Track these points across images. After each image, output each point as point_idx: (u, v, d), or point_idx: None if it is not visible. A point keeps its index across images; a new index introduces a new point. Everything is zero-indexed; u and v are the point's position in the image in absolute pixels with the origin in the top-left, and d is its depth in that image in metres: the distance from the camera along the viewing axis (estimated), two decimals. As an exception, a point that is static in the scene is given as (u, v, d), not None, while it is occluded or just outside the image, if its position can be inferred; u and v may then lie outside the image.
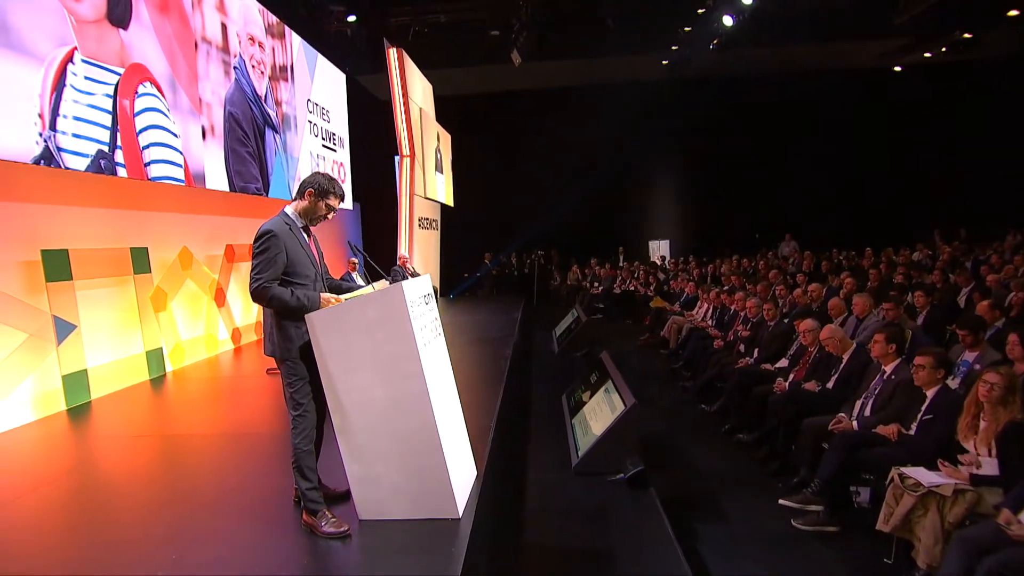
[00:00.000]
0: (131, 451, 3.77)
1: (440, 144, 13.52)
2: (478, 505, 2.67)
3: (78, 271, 4.69)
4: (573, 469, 3.71)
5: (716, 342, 6.30)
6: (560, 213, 14.55)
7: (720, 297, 7.07)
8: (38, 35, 4.12)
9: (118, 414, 4.54)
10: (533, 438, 4.54)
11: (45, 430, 4.15)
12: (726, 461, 4.41)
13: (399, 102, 11.06)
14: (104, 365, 4.95)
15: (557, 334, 8.18)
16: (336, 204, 2.70)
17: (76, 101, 4.38)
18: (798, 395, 4.34)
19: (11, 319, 4.15)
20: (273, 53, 7.73)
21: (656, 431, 5.06)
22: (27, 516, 2.82)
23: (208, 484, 3.14)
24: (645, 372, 7.06)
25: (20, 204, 4.39)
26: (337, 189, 2.68)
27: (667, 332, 7.95)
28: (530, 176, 14.53)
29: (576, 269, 14.06)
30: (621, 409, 3.69)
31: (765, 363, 5.23)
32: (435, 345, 2.74)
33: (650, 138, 14.22)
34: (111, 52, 4.76)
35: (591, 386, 4.65)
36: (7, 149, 3.83)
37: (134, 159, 4.95)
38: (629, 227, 15.62)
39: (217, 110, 6.32)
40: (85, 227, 4.93)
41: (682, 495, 3.92)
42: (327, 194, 2.65)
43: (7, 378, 4.10)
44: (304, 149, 8.64)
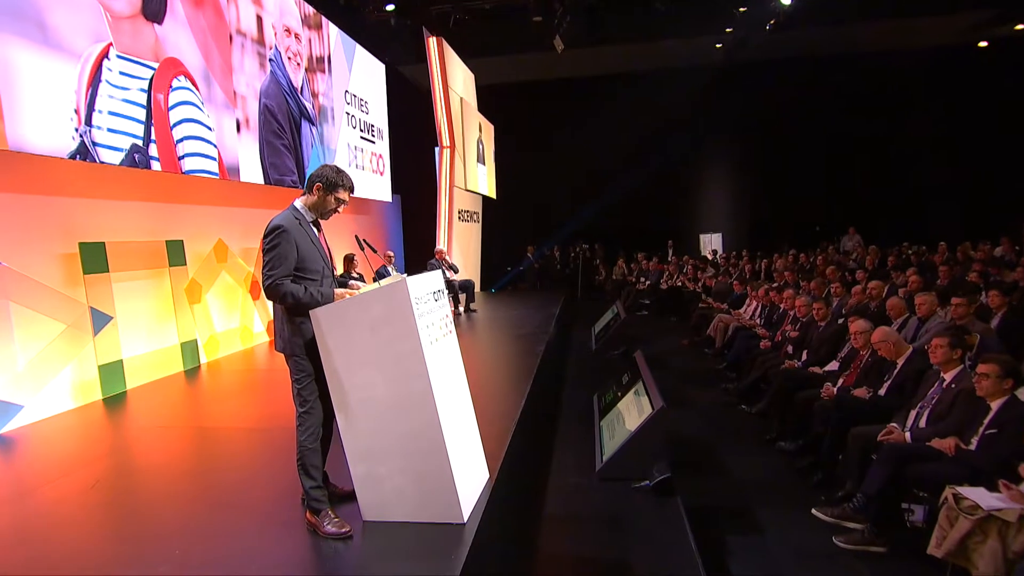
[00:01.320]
0: (160, 441, 3.91)
1: (482, 135, 13.52)
2: (486, 510, 2.63)
3: (114, 263, 4.90)
4: (596, 474, 3.62)
5: (763, 342, 6.06)
6: (607, 205, 14.34)
7: (769, 295, 6.79)
8: (75, 32, 4.30)
9: (152, 404, 4.72)
10: (560, 440, 4.46)
11: (82, 418, 4.37)
12: (765, 470, 4.22)
13: (439, 92, 11.11)
14: (139, 356, 5.17)
15: (596, 331, 8.05)
16: (346, 197, 2.69)
17: (111, 96, 4.56)
18: (846, 402, 4.11)
19: (50, 310, 4.37)
20: (310, 44, 7.87)
21: (692, 435, 4.90)
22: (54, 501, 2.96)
23: (227, 478, 3.21)
24: (687, 372, 6.86)
25: (59, 198, 4.61)
26: (346, 181, 2.67)
27: (713, 331, 7.70)
28: (576, 167, 14.37)
29: (622, 263, 13.84)
30: (649, 412, 3.57)
31: (813, 366, 4.98)
32: (444, 343, 2.71)
33: (703, 126, 13.83)
34: (146, 47, 4.93)
35: (622, 387, 4.53)
36: (45, 144, 4.02)
37: (168, 153, 5.13)
38: (679, 220, 15.25)
39: (252, 103, 6.48)
40: (122, 220, 5.15)
41: (715, 505, 3.78)
42: (336, 187, 2.64)
43: (47, 367, 4.33)
44: (341, 141, 8.78)
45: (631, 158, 13.99)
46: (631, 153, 14.00)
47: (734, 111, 13.47)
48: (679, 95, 13.25)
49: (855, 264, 9.82)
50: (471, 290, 9.33)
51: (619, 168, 14.06)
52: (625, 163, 14.03)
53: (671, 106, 13.30)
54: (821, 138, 13.60)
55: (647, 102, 13.37)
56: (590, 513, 3.30)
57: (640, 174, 13.93)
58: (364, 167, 9.72)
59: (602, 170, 14.24)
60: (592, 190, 14.35)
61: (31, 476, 3.36)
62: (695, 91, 13.22)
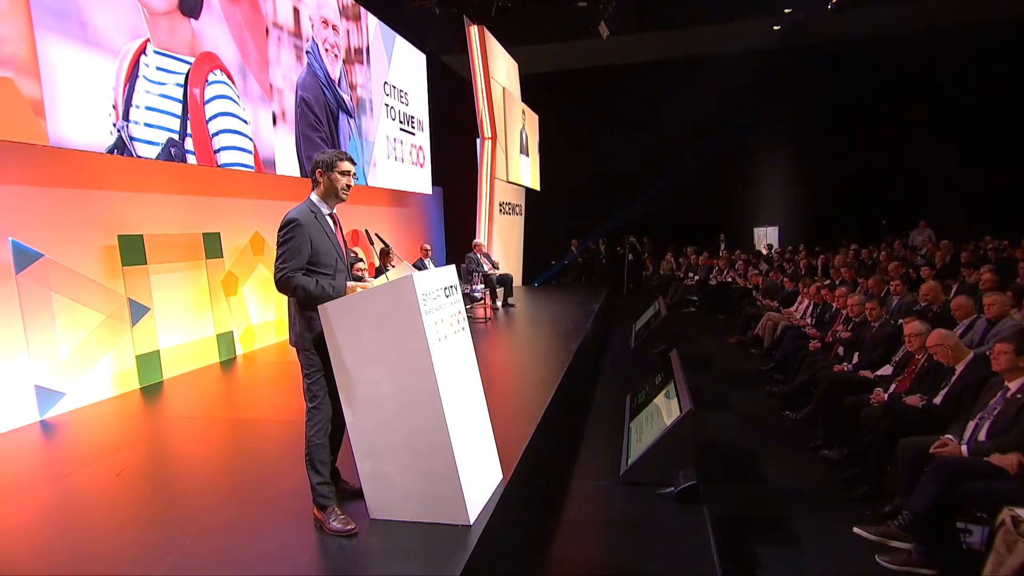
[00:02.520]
0: (190, 432, 4.06)
1: (526, 125, 13.46)
2: (496, 512, 2.60)
3: (152, 256, 5.11)
4: (620, 478, 3.54)
5: (812, 343, 5.80)
6: (655, 197, 14.07)
7: (820, 293, 6.49)
8: (114, 30, 4.49)
9: (186, 395, 4.90)
10: (587, 441, 4.40)
11: (119, 406, 4.58)
12: (806, 480, 4.04)
13: (480, 82, 11.11)
14: (176, 347, 5.38)
15: (636, 328, 7.90)
16: (347, 167, 2.67)
17: (148, 91, 4.74)
18: (897, 409, 3.88)
19: (90, 301, 4.60)
20: (348, 36, 7.99)
21: (730, 440, 4.75)
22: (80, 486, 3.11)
23: (248, 470, 3.29)
24: (731, 373, 6.66)
25: (99, 192, 4.84)
26: (342, 155, 2.66)
27: (761, 330, 7.45)
28: (623, 158, 14.13)
29: (670, 258, 13.54)
30: (677, 415, 3.46)
31: (864, 370, 4.74)
32: (455, 340, 2.68)
33: (758, 113, 13.37)
34: (182, 42, 5.10)
35: (655, 387, 4.42)
36: (84, 140, 4.22)
37: (204, 146, 5.30)
38: (733, 213, 14.79)
39: (288, 95, 6.63)
40: (160, 213, 5.36)
41: (749, 515, 3.65)
42: (333, 164, 2.64)
43: (86, 356, 4.56)
44: (380, 133, 8.89)
45: (681, 148, 13.67)
46: (681, 143, 13.67)
47: (792, 97, 12.96)
48: (732, 81, 12.83)
49: (923, 260, 9.29)
50: (509, 284, 9.31)
51: (669, 159, 13.76)
52: (675, 154, 13.71)
53: (724, 93, 12.90)
54: (889, 124, 12.91)
55: (698, 89, 13.01)
56: (609, 519, 3.23)
57: (691, 165, 13.60)
58: (404, 159, 9.83)
59: (651, 161, 13.95)
60: (640, 182, 14.09)
61: (64, 461, 3.55)
62: (750, 77, 12.78)
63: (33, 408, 4.16)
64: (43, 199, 4.40)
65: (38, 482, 3.18)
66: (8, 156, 4.15)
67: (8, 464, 3.50)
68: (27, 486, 3.13)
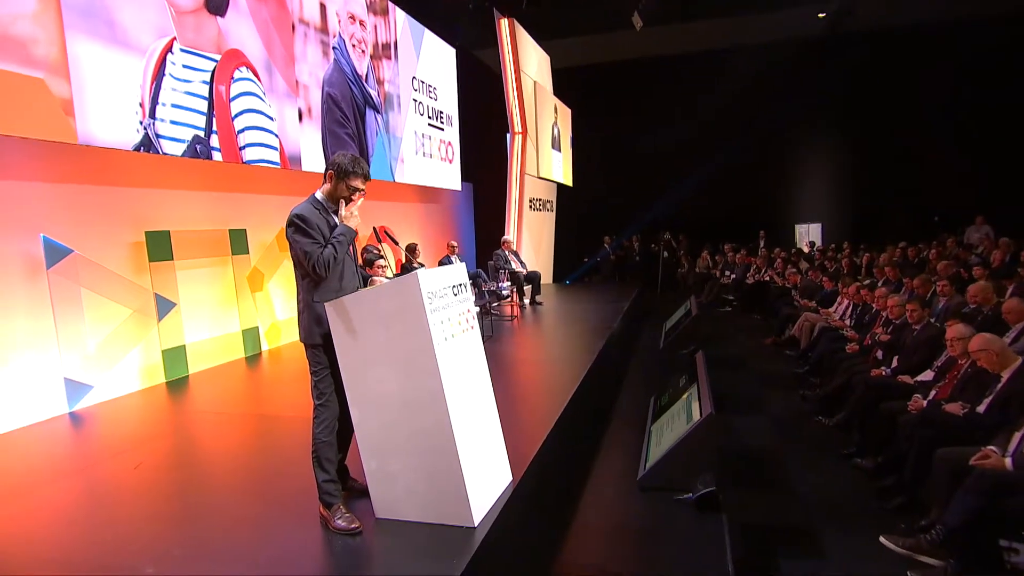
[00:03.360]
0: (211, 426, 4.18)
1: (558, 119, 13.40)
2: (502, 514, 2.60)
3: (179, 252, 5.26)
4: (637, 482, 3.49)
5: (850, 346, 5.61)
6: (692, 193, 13.84)
7: (860, 293, 6.28)
8: (141, 29, 4.63)
9: (211, 389, 5.04)
10: (607, 444, 4.35)
11: (145, 399, 4.74)
12: (837, 488, 3.91)
13: (510, 76, 11.10)
14: (202, 342, 5.53)
15: (666, 328, 7.78)
16: (360, 185, 2.70)
17: (174, 89, 4.88)
18: (936, 417, 3.72)
19: (118, 295, 4.77)
20: (375, 31, 8.07)
21: (758, 445, 4.64)
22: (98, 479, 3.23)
23: (263, 466, 3.36)
24: (765, 375, 6.50)
25: (128, 189, 5.00)
26: (360, 169, 2.69)
27: (797, 331, 7.25)
28: (658, 152, 13.93)
29: (706, 255, 13.29)
30: (696, 419, 3.39)
31: (904, 374, 4.56)
32: (463, 340, 2.68)
33: (800, 105, 13.00)
34: (208, 40, 5.23)
35: (678, 390, 4.34)
36: (111, 138, 4.36)
37: (229, 143, 5.43)
38: (774, 209, 14.41)
39: (315, 92, 6.73)
40: (187, 210, 5.51)
41: (773, 523, 3.55)
42: (348, 175, 2.67)
43: (114, 350, 4.73)
44: (408, 128, 8.97)
45: (719, 142, 13.39)
46: (719, 136, 13.39)
47: (837, 88, 12.56)
48: (773, 72, 12.52)
49: (977, 259, 8.88)
50: (537, 282, 9.28)
51: (706, 153, 13.50)
52: (713, 147, 13.44)
53: (764, 85, 12.59)
54: (942, 116, 12.38)
55: (737, 80, 12.72)
56: (623, 524, 3.18)
57: (729, 159, 13.31)
58: (432, 155, 9.89)
59: (687, 155, 13.72)
60: (676, 177, 13.87)
61: (88, 453, 3.68)
62: (791, 66, 12.43)
63: (63, 400, 4.33)
64: (73, 196, 4.57)
65: (64, 473, 3.31)
66: (40, 154, 4.32)
67: (38, 454, 3.65)
68: (53, 476, 3.25)
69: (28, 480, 3.20)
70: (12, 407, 4.03)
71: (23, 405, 4.10)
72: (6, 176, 4.15)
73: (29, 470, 3.37)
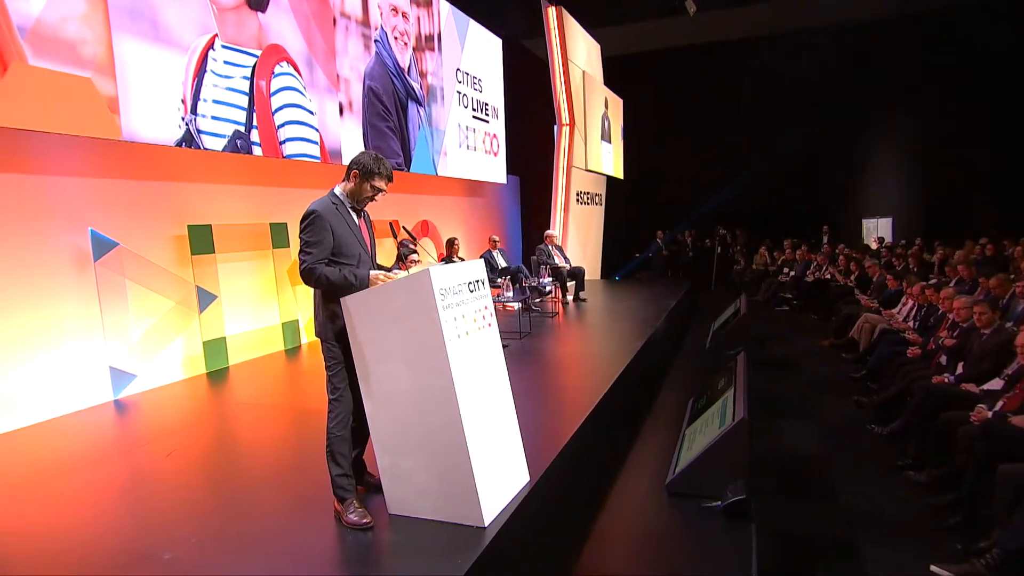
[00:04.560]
0: (247, 417, 4.35)
1: (608, 110, 13.24)
2: (515, 515, 2.59)
3: (220, 245, 5.47)
4: (665, 487, 3.42)
5: (911, 350, 5.33)
6: (750, 185, 13.44)
7: (925, 293, 5.95)
8: (184, 26, 4.82)
9: (250, 381, 5.23)
10: (639, 446, 4.28)
11: (186, 389, 4.96)
12: (887, 502, 3.73)
13: (558, 66, 11.04)
14: (242, 334, 5.74)
15: (714, 327, 7.59)
16: (382, 185, 2.75)
17: (215, 85, 5.06)
18: (1001, 430, 3.49)
19: (161, 287, 5.00)
20: (418, 23, 8.15)
21: (804, 453, 4.48)
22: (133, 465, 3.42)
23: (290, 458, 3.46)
24: (818, 379, 6.26)
25: (171, 183, 5.23)
26: (383, 170, 2.73)
27: (857, 332, 6.94)
28: (715, 142, 13.61)
29: (764, 251, 12.88)
30: (729, 423, 3.29)
31: (969, 382, 4.29)
32: (478, 337, 2.68)
33: (869, 90, 12.41)
34: (249, 35, 5.40)
35: (716, 392, 4.23)
36: (154, 134, 4.57)
37: (269, 138, 5.60)
38: (840, 202, 13.84)
39: (356, 85, 6.86)
40: (229, 204, 5.72)
41: (813, 536, 3.43)
42: (372, 175, 2.71)
43: (156, 340, 4.97)
44: (451, 121, 9.03)
45: (780, 131, 12.94)
46: (780, 126, 12.95)
47: (910, 71, 11.90)
48: (840, 55, 11.99)
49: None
50: (581, 278, 9.21)
51: (765, 143, 13.08)
52: (772, 137, 13.00)
53: (829, 69, 12.09)
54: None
55: (798, 66, 12.27)
56: (646, 530, 3.13)
57: (791, 149, 12.84)
58: (476, 148, 9.94)
59: (745, 145, 13.33)
60: (733, 168, 13.49)
61: (128, 440, 3.89)
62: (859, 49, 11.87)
63: (108, 388, 4.59)
64: (119, 191, 4.82)
65: (102, 459, 3.50)
66: (88, 151, 4.57)
67: (82, 440, 3.87)
68: (91, 462, 3.45)
69: (68, 465, 3.40)
70: (61, 394, 4.29)
71: (71, 392, 4.36)
72: (57, 172, 4.42)
73: (71, 455, 3.58)
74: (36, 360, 4.17)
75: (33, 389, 4.14)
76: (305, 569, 2.28)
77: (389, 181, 2.79)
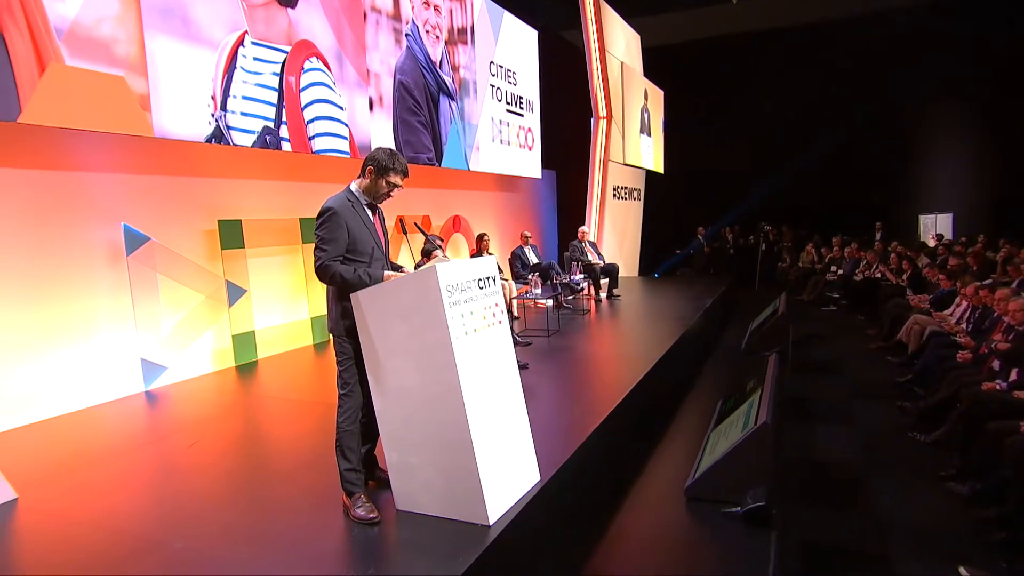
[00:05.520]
0: (272, 411, 4.47)
1: (648, 102, 13.09)
2: (522, 515, 2.61)
3: (250, 240, 5.63)
4: (684, 491, 3.38)
5: (962, 354, 5.12)
6: (797, 179, 13.09)
7: (979, 294, 5.69)
8: (214, 24, 4.97)
9: (278, 375, 5.37)
10: (662, 448, 4.23)
11: (215, 382, 5.13)
12: (925, 514, 3.60)
13: (595, 57, 10.96)
14: (271, 328, 5.91)
15: (752, 327, 7.43)
16: (398, 181, 2.79)
17: (245, 81, 5.20)
18: (1050, 441, 3.33)
19: (191, 281, 5.18)
20: (451, 15, 8.21)
21: (840, 459, 4.35)
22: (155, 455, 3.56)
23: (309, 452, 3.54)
24: (861, 383, 6.07)
25: (202, 179, 5.41)
26: (398, 166, 2.77)
27: (905, 334, 6.69)
28: (759, 134, 13.29)
29: (811, 249, 12.52)
30: (751, 427, 3.23)
31: (1023, 390, 4.10)
32: (487, 335, 2.70)
33: (926, 78, 11.91)
34: (279, 32, 5.53)
35: (744, 394, 4.15)
36: (184, 130, 4.73)
37: (299, 133, 5.73)
38: (895, 197, 13.34)
39: (386, 80, 6.96)
40: (259, 199, 5.88)
41: (843, 546, 3.33)
42: (387, 171, 2.76)
43: (187, 333, 5.15)
44: (484, 115, 9.07)
45: (829, 122, 12.56)
46: (829, 116, 12.55)
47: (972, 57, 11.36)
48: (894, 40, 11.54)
49: None
50: (615, 274, 9.14)
51: (813, 135, 12.70)
52: (821, 129, 12.62)
53: (882, 55, 11.65)
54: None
55: (849, 53, 11.85)
56: (661, 535, 3.09)
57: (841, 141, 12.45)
58: (510, 142, 9.95)
59: (791, 138, 12.96)
60: (779, 161, 13.15)
61: (155, 431, 4.04)
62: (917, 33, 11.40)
63: (139, 379, 4.79)
64: (151, 187, 5.01)
65: (126, 448, 3.67)
66: (121, 148, 4.76)
67: (113, 429, 4.06)
68: (115, 452, 3.62)
69: (97, 454, 3.57)
70: (94, 384, 4.50)
71: (104, 382, 4.56)
72: (92, 168, 4.62)
73: (101, 444, 3.75)
74: (71, 350, 4.38)
75: (67, 379, 4.35)
76: (307, 561, 2.34)
77: (404, 176, 2.83)
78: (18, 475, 3.14)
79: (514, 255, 8.39)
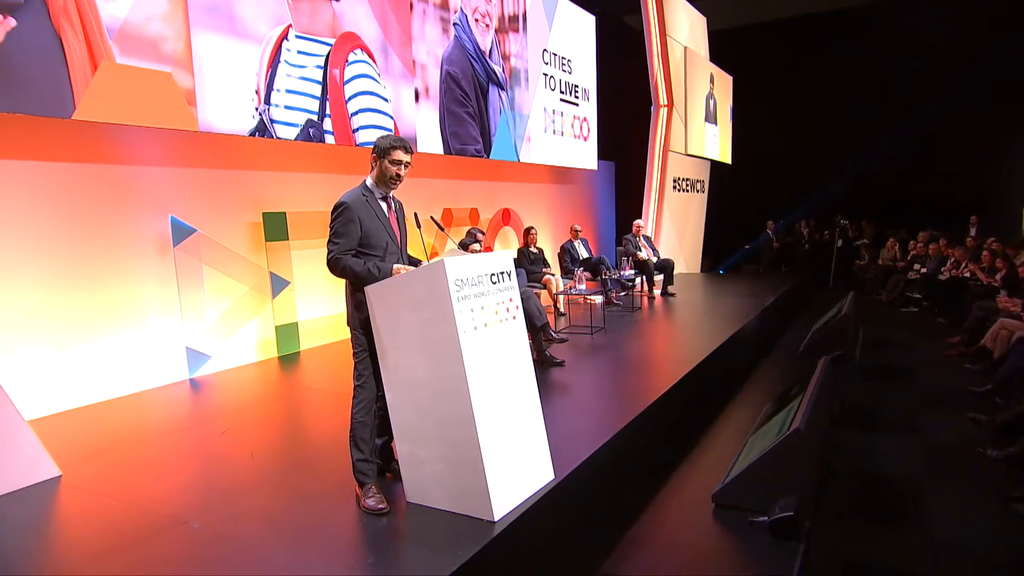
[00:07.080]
0: (308, 401, 4.69)
1: (714, 89, 12.79)
2: (530, 513, 2.64)
3: (294, 232, 5.88)
4: (712, 496, 3.32)
5: (1046, 362, 4.79)
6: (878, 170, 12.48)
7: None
8: (259, 18, 5.21)
9: (318, 366, 5.60)
10: (698, 452, 4.17)
11: (257, 371, 5.40)
12: (989, 538, 3.40)
13: (655, 42, 10.81)
14: (313, 320, 6.15)
15: (814, 328, 7.16)
16: (400, 156, 2.88)
17: (288, 75, 5.43)
18: None
19: (236, 273, 5.46)
20: (501, 3, 8.26)
21: (899, 472, 4.16)
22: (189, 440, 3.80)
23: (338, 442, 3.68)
24: (935, 390, 5.76)
25: (247, 172, 5.68)
26: (398, 143, 2.87)
27: (991, 340, 6.31)
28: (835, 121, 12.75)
29: (892, 244, 11.92)
30: (784, 434, 3.14)
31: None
32: (498, 330, 2.74)
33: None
34: (323, 24, 5.74)
35: (787, 399, 4.03)
36: (229, 125, 4.99)
37: (342, 126, 5.92)
38: (993, 189, 12.48)
39: (433, 71, 7.09)
40: (303, 191, 6.12)
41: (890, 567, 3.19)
42: (388, 151, 2.86)
43: (231, 323, 5.44)
44: (536, 105, 9.09)
45: (915, 106, 11.89)
46: (914, 100, 11.89)
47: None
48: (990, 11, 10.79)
49: None
50: (670, 271, 8.99)
51: (897, 121, 12.06)
52: (906, 114, 11.97)
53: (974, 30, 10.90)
54: None
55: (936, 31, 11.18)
56: (681, 541, 3.06)
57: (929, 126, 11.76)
58: (564, 132, 9.93)
59: (873, 124, 12.36)
60: (858, 151, 12.57)
61: (192, 416, 4.30)
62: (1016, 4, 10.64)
63: (184, 367, 5.09)
64: (197, 180, 5.31)
65: (163, 432, 3.93)
66: (168, 142, 5.07)
67: (154, 414, 4.35)
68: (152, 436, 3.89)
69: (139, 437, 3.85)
70: (141, 370, 4.82)
71: (150, 369, 4.89)
72: (141, 162, 4.94)
73: (138, 429, 4.03)
74: (119, 337, 4.71)
75: (116, 365, 4.68)
76: (313, 549, 2.46)
77: (408, 152, 2.91)
78: (64, 454, 3.42)
79: (563, 249, 8.38)
